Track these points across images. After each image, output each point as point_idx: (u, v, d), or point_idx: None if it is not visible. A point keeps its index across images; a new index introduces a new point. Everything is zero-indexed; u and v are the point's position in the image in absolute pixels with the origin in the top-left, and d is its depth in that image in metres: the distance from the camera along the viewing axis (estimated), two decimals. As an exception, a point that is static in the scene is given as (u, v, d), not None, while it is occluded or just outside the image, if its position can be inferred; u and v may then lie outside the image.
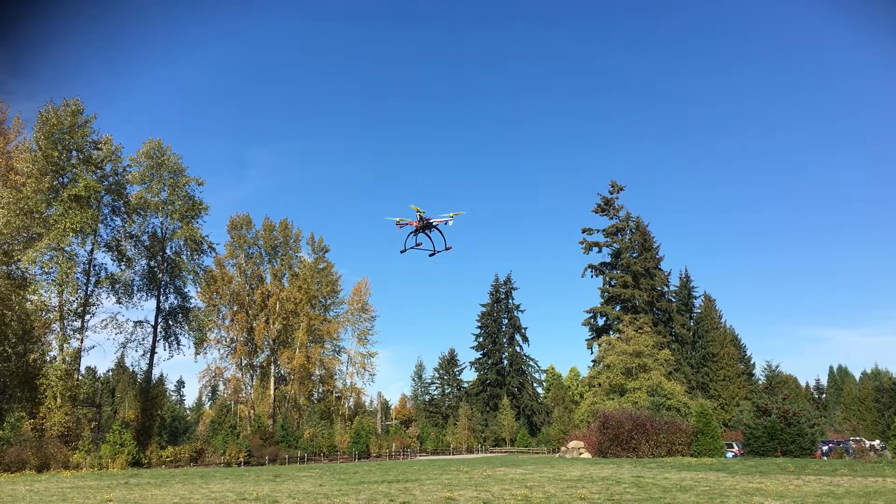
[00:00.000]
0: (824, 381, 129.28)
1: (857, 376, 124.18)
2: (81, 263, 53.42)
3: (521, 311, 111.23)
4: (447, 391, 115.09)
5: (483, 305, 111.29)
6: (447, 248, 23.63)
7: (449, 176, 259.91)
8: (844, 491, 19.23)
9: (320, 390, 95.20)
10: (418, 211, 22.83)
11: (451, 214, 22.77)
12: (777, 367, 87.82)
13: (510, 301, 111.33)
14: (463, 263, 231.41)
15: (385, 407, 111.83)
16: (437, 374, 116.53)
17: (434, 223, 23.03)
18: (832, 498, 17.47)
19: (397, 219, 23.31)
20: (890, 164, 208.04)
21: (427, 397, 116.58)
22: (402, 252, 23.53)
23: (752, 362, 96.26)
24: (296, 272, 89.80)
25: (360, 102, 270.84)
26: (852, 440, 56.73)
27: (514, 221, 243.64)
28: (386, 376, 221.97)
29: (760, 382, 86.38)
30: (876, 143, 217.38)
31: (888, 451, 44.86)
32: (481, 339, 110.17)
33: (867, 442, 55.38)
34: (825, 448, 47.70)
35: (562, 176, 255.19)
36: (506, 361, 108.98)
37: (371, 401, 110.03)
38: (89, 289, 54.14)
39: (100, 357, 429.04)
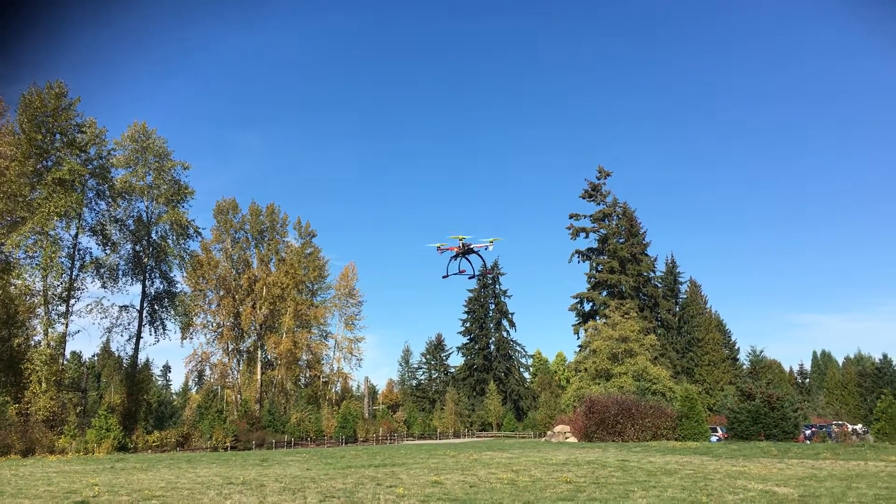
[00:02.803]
0: (808, 366, 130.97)
1: (841, 361, 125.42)
2: (66, 247, 53.16)
3: (509, 297, 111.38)
4: (434, 376, 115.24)
5: (470, 290, 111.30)
6: (486, 272, 25.18)
7: (436, 160, 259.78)
8: (827, 474, 19.48)
9: (307, 375, 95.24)
10: (460, 238, 23.94)
11: (490, 240, 23.93)
12: (761, 352, 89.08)
13: (497, 286, 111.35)
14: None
15: (372, 392, 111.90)
16: (424, 359, 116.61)
17: (475, 248, 24.12)
18: (814, 481, 17.69)
19: (438, 244, 24.45)
20: (871, 150, 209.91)
21: (414, 382, 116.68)
22: (444, 277, 24.80)
23: (736, 347, 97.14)
24: (282, 257, 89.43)
25: (348, 88, 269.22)
26: (835, 424, 57.41)
27: (501, 206, 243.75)
28: (373, 361, 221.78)
29: (745, 367, 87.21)
30: (855, 126, 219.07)
31: (870, 435, 45.45)
32: (468, 324, 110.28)
33: (850, 426, 56.07)
34: (808, 432, 48.27)
35: (549, 161, 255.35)
36: (493, 346, 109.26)
37: (358, 386, 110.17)
38: (74, 273, 53.73)
39: (85, 342, 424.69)
